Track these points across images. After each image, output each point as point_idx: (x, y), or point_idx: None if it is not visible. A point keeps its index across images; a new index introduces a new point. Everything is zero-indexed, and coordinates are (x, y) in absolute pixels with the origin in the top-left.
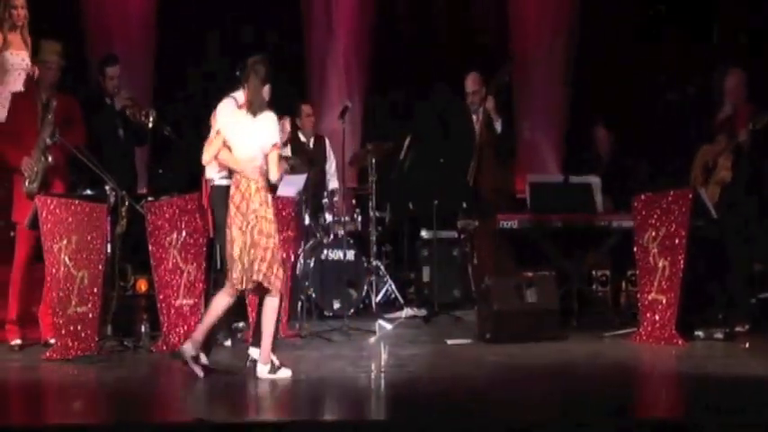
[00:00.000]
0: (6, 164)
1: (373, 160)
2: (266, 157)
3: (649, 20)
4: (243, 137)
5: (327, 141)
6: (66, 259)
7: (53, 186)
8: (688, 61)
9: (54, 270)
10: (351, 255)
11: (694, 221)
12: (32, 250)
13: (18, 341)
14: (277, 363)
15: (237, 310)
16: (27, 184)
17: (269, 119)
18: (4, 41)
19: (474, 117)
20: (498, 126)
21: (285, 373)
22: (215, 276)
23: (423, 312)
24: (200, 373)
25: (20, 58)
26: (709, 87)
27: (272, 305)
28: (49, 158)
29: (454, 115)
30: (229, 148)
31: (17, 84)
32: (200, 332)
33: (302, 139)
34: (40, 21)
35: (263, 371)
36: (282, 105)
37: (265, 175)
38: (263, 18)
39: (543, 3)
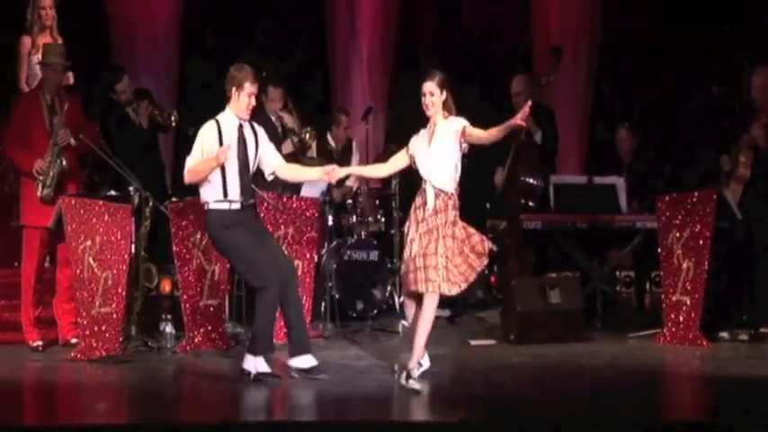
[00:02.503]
0: (17, 168)
1: None
2: None
3: (674, 19)
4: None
5: (354, 143)
6: (91, 260)
7: (67, 189)
8: (713, 62)
9: (78, 271)
10: (374, 255)
11: (719, 222)
12: (45, 252)
13: (40, 342)
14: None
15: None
16: (41, 188)
17: None
18: (33, 45)
19: None
20: (538, 138)
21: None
22: (238, 277)
23: (447, 313)
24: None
25: None
26: (736, 88)
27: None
28: (64, 162)
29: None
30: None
31: None
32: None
33: (331, 144)
34: (64, 24)
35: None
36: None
37: None
38: (287, 21)
39: (566, 7)
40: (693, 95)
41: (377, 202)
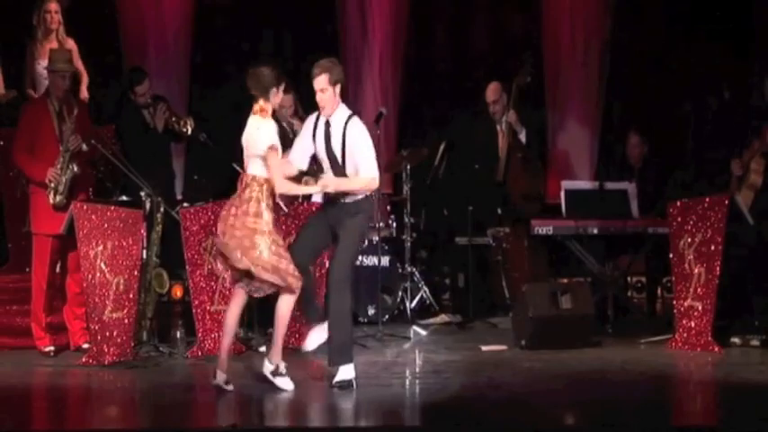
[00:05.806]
0: (27, 177)
1: (408, 166)
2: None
3: (683, 26)
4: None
5: None
6: (102, 265)
7: (78, 194)
8: (723, 67)
9: (90, 276)
10: (385, 261)
11: (730, 227)
12: (56, 259)
13: (52, 347)
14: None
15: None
16: (54, 196)
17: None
18: (38, 50)
19: (498, 127)
20: (523, 137)
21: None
22: None
23: (458, 319)
24: (289, 386)
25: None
26: (746, 92)
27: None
28: (75, 168)
29: (480, 125)
30: None
31: None
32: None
33: None
34: (75, 28)
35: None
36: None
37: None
38: (299, 24)
39: (577, 11)
40: (704, 99)
41: (388, 207)
